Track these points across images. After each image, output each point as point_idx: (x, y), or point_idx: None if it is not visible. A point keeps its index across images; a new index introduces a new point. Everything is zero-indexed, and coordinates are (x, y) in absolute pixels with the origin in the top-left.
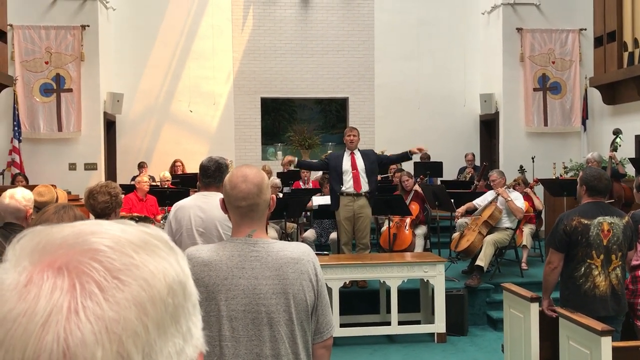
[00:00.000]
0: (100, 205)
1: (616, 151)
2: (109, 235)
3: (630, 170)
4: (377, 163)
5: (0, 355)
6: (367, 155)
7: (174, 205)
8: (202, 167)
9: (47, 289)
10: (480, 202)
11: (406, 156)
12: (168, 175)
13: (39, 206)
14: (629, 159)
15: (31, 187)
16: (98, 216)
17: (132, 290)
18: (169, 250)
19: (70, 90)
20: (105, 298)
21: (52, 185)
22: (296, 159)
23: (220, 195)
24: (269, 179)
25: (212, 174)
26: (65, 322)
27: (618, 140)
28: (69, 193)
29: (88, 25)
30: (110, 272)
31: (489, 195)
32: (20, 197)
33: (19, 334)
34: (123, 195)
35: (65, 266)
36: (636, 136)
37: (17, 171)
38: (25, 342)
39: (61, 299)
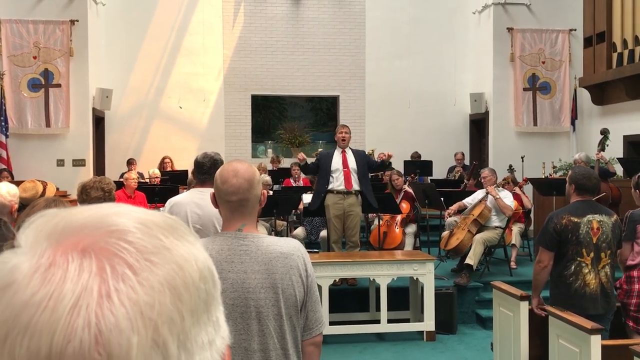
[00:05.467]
0: (93, 201)
1: (604, 151)
2: (135, 217)
3: (618, 170)
4: (367, 165)
5: (25, 342)
6: (359, 155)
7: (168, 201)
8: (197, 163)
9: (74, 271)
10: (470, 201)
11: (382, 164)
12: (157, 172)
13: (23, 202)
14: (618, 158)
15: (17, 183)
16: None
17: (165, 273)
18: (193, 237)
19: (58, 85)
20: (139, 281)
21: (43, 182)
22: (306, 159)
23: (212, 192)
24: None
25: (208, 170)
26: (96, 306)
27: (606, 140)
28: (57, 189)
29: (77, 20)
30: (142, 254)
31: (479, 194)
32: (5, 192)
33: (46, 319)
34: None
35: (92, 247)
36: (624, 136)
37: (3, 167)
38: (53, 326)
39: (91, 281)
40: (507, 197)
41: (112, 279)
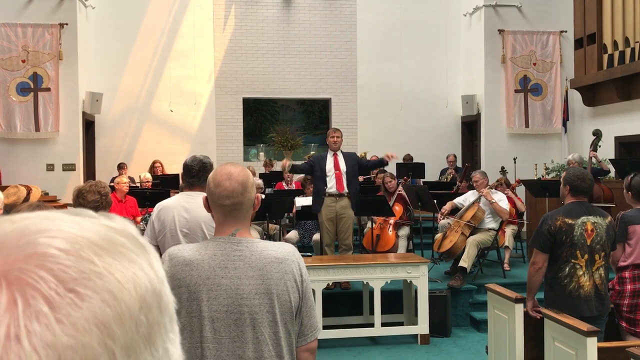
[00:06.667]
0: (90, 205)
1: (596, 151)
2: (63, 234)
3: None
4: (357, 166)
5: None
6: (350, 157)
7: (157, 205)
8: (186, 166)
9: None
10: (461, 200)
11: (381, 163)
12: (149, 176)
13: (6, 208)
14: (609, 159)
15: (3, 188)
16: None
17: (93, 306)
18: (139, 249)
19: (48, 89)
20: (58, 319)
21: (27, 187)
22: (291, 163)
23: (205, 195)
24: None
25: (196, 174)
26: (2, 352)
27: (598, 141)
28: (46, 194)
29: (67, 24)
30: (64, 284)
31: (471, 196)
32: None
33: None
34: None
35: (4, 276)
36: (616, 137)
37: None
38: None
39: None
40: (502, 200)
41: (23, 317)
